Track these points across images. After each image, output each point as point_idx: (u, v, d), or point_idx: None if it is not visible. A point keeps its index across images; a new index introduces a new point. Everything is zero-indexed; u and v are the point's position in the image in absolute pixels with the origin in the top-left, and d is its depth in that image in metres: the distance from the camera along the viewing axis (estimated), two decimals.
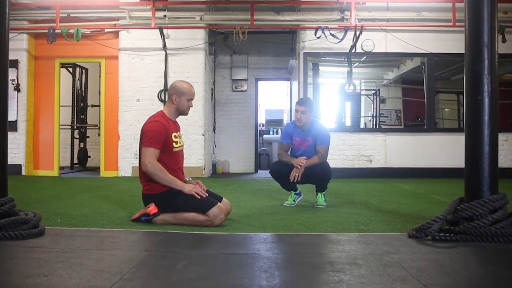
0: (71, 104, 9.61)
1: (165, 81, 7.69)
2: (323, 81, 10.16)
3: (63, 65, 8.70)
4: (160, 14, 7.60)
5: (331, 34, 7.17)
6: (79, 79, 9.69)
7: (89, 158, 9.84)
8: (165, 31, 7.63)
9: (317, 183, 4.21)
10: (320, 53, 7.92)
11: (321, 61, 8.78)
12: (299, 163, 4.01)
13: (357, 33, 7.27)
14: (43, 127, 8.12)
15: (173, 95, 3.30)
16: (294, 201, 4.25)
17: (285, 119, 11.23)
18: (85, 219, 3.39)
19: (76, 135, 9.78)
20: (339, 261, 2.19)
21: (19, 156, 7.80)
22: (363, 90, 11.21)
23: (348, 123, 10.47)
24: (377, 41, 7.64)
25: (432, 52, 7.70)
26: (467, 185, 2.85)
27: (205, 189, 3.22)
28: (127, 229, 3.02)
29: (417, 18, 7.61)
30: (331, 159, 4.36)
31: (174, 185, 3.11)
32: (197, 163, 7.72)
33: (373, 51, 7.65)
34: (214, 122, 9.52)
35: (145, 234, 2.88)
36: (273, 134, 10.79)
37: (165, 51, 7.75)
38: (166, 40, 7.67)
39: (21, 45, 7.82)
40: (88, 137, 9.93)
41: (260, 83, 10.10)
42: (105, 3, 7.65)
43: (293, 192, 4.28)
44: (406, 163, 7.75)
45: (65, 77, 9.00)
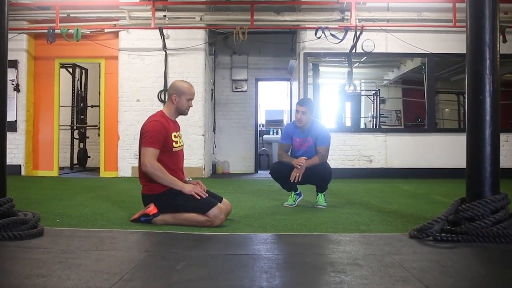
0: (70, 105, 9.61)
1: (165, 82, 7.68)
2: (323, 82, 10.15)
3: (62, 65, 8.69)
4: (160, 14, 7.59)
5: (331, 34, 7.17)
6: (78, 80, 9.69)
7: (88, 159, 9.83)
8: (165, 31, 7.63)
9: (317, 184, 4.20)
10: (320, 53, 7.91)
11: (321, 61, 8.77)
12: (299, 163, 4.00)
13: (357, 33, 7.26)
14: (42, 128, 8.11)
15: (172, 95, 3.28)
16: (294, 201, 4.24)
17: (285, 119, 11.22)
18: (85, 219, 3.37)
19: (76, 135, 9.78)
20: (340, 262, 2.17)
21: (18, 156, 7.79)
22: (363, 90, 11.20)
23: (348, 123, 10.47)
24: (377, 41, 7.64)
25: (433, 52, 7.70)
26: (468, 185, 2.84)
27: (205, 189, 3.20)
28: (126, 229, 3.01)
29: (417, 18, 7.60)
30: (331, 159, 4.35)
31: (174, 185, 3.10)
32: (197, 163, 7.71)
33: (373, 51, 7.64)
34: (214, 122, 9.52)
35: (144, 234, 2.87)
36: (273, 134, 10.78)
37: (165, 51, 7.75)
38: (166, 40, 7.66)
39: (20, 45, 7.82)
40: (88, 137, 9.93)
41: (260, 83, 10.10)
42: (105, 3, 7.64)
43: (293, 193, 4.27)
44: (407, 163, 7.74)
45: (64, 77, 9.00)
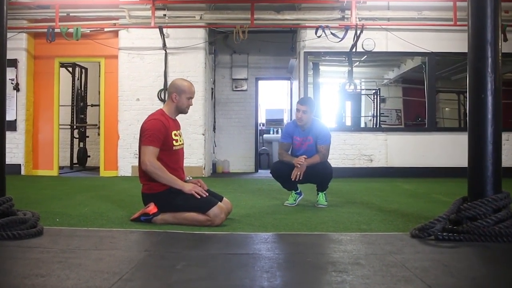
0: (70, 104, 9.60)
1: (165, 81, 7.67)
2: (323, 81, 10.14)
3: (62, 64, 8.68)
4: (160, 13, 7.58)
5: (331, 33, 7.15)
6: (78, 79, 9.68)
7: (88, 158, 9.82)
8: (165, 30, 7.61)
9: (318, 183, 4.18)
10: (321, 52, 7.89)
11: (321, 60, 8.75)
12: (299, 162, 3.99)
13: (357, 32, 7.25)
14: (42, 127, 8.09)
15: (173, 93, 3.26)
16: (295, 200, 4.23)
17: (285, 118, 11.21)
18: (84, 219, 3.36)
19: (76, 134, 9.77)
20: (341, 261, 2.16)
21: (18, 155, 7.78)
22: (363, 89, 11.18)
23: (348, 122, 10.45)
24: (377, 40, 7.61)
25: (433, 51, 7.68)
26: (470, 184, 2.82)
27: (206, 188, 3.18)
28: (126, 229, 2.99)
29: (418, 17, 7.60)
30: (332, 158, 4.33)
31: (174, 184, 3.08)
32: (197, 162, 7.69)
33: (373, 50, 7.62)
34: (214, 121, 9.50)
35: (144, 234, 2.85)
36: (273, 133, 10.76)
37: (165, 50, 7.73)
38: (166, 39, 7.65)
39: (20, 44, 7.80)
40: (88, 136, 9.92)
41: (260, 82, 10.08)
42: (104, 2, 7.62)
43: (294, 192, 4.26)
44: (407, 162, 7.73)
45: (64, 76, 8.98)
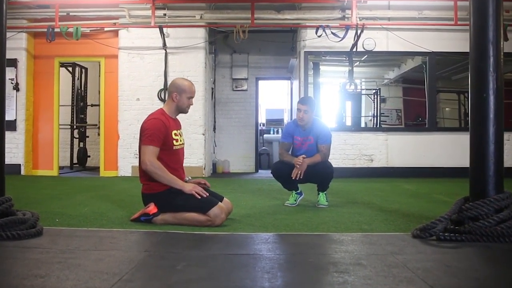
0: (70, 104, 9.59)
1: (165, 80, 7.65)
2: (323, 81, 10.13)
3: (62, 64, 8.66)
4: (160, 12, 7.56)
5: (332, 33, 7.13)
6: (78, 78, 9.66)
7: (88, 158, 9.80)
8: (165, 29, 7.59)
9: (319, 182, 4.17)
10: (321, 52, 7.87)
11: (321, 60, 8.73)
12: (298, 162, 3.97)
13: (358, 31, 7.23)
14: (42, 127, 8.08)
15: (173, 93, 3.25)
16: (295, 200, 4.22)
17: (286, 118, 11.19)
18: (84, 219, 3.34)
19: (76, 134, 9.75)
20: (343, 262, 2.14)
21: (18, 155, 7.76)
22: (363, 89, 11.16)
23: (348, 122, 10.43)
24: (378, 40, 7.60)
25: (434, 51, 7.66)
26: (472, 184, 2.81)
27: (209, 186, 3.19)
28: (126, 229, 2.98)
29: (418, 17, 7.58)
30: (332, 158, 4.31)
31: (174, 184, 3.06)
32: (197, 162, 7.68)
33: (374, 50, 7.60)
34: (214, 121, 9.49)
35: (144, 234, 2.84)
36: (273, 133, 10.74)
37: (165, 50, 7.72)
38: (166, 39, 7.63)
39: (20, 44, 7.79)
40: (88, 136, 9.90)
41: (260, 82, 10.06)
42: (104, 1, 7.60)
43: (294, 192, 4.25)
44: (408, 162, 7.71)
45: (64, 76, 8.96)
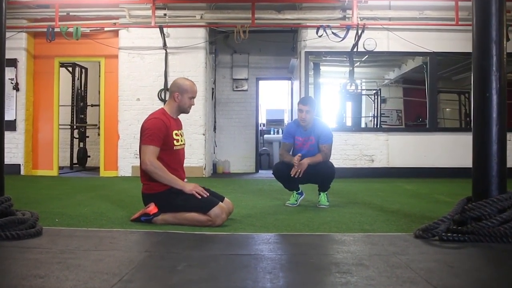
0: (70, 104, 9.57)
1: (165, 80, 7.64)
2: (324, 81, 10.11)
3: (62, 64, 8.64)
4: (160, 12, 7.55)
5: (332, 33, 7.11)
6: (78, 79, 9.65)
7: (88, 158, 9.78)
8: (165, 29, 7.58)
9: (320, 182, 4.14)
10: (322, 52, 7.86)
11: (322, 60, 8.72)
12: (295, 162, 3.93)
13: (359, 31, 7.21)
14: (42, 127, 8.06)
15: (175, 93, 3.23)
16: (296, 200, 4.20)
17: (286, 119, 11.17)
18: (84, 219, 3.33)
19: (76, 134, 9.74)
20: (345, 262, 2.12)
21: (18, 155, 7.75)
22: (364, 90, 11.14)
23: (348, 123, 10.41)
24: (379, 40, 7.58)
25: (435, 51, 7.65)
26: (474, 184, 2.79)
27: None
28: (126, 229, 2.96)
29: (419, 17, 7.56)
30: (333, 158, 4.30)
31: (174, 184, 3.05)
32: (197, 162, 7.65)
33: (375, 50, 7.59)
34: (215, 121, 9.47)
35: (145, 234, 2.82)
36: (273, 134, 10.73)
37: (165, 50, 7.70)
38: (166, 39, 7.61)
39: (20, 44, 7.77)
40: (88, 136, 9.88)
41: (261, 82, 10.05)
42: (104, 1, 7.57)
43: (295, 192, 4.23)
44: (408, 162, 7.69)
45: (64, 76, 8.95)
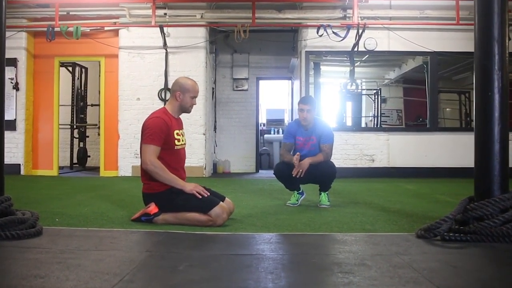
0: (70, 103, 9.56)
1: (166, 80, 7.63)
2: (324, 81, 10.10)
3: (62, 63, 8.63)
4: (161, 12, 7.54)
5: (333, 32, 7.10)
6: (78, 78, 9.64)
7: (88, 158, 9.77)
8: (165, 29, 7.57)
9: (321, 182, 4.13)
10: (322, 51, 7.85)
11: (322, 60, 8.71)
12: (295, 162, 3.91)
13: (359, 31, 7.20)
14: (42, 126, 8.05)
15: (176, 92, 3.21)
16: (297, 200, 4.19)
17: (286, 118, 11.16)
18: (84, 219, 3.31)
19: (76, 134, 9.72)
20: (347, 262, 2.11)
21: (18, 155, 7.74)
22: (364, 89, 11.14)
23: (349, 123, 10.40)
24: (379, 40, 7.58)
25: (435, 50, 7.64)
26: (476, 184, 2.77)
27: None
28: (127, 229, 2.95)
29: (420, 16, 7.56)
30: (334, 158, 4.29)
31: (175, 184, 3.03)
32: (197, 162, 7.64)
33: (375, 49, 7.58)
34: (215, 121, 9.46)
35: (145, 234, 2.81)
36: (274, 133, 10.72)
37: (166, 49, 7.69)
38: (166, 38, 7.60)
39: (20, 43, 7.76)
40: (88, 136, 9.87)
41: (261, 82, 10.04)
42: (105, 0, 7.57)
43: (296, 192, 4.22)
44: (409, 162, 7.68)
45: (64, 76, 8.94)
